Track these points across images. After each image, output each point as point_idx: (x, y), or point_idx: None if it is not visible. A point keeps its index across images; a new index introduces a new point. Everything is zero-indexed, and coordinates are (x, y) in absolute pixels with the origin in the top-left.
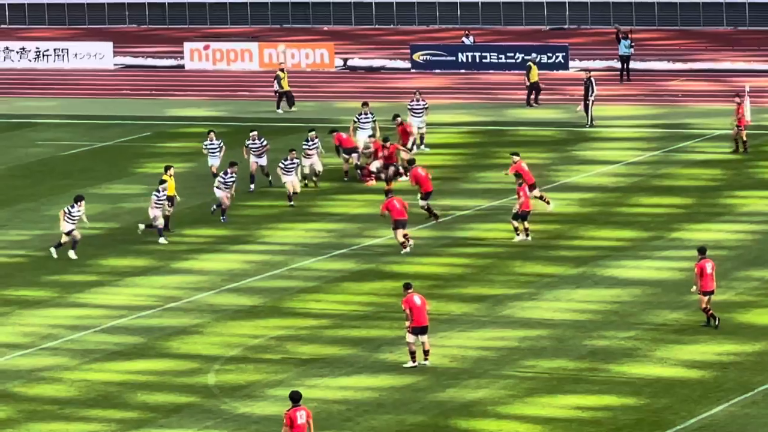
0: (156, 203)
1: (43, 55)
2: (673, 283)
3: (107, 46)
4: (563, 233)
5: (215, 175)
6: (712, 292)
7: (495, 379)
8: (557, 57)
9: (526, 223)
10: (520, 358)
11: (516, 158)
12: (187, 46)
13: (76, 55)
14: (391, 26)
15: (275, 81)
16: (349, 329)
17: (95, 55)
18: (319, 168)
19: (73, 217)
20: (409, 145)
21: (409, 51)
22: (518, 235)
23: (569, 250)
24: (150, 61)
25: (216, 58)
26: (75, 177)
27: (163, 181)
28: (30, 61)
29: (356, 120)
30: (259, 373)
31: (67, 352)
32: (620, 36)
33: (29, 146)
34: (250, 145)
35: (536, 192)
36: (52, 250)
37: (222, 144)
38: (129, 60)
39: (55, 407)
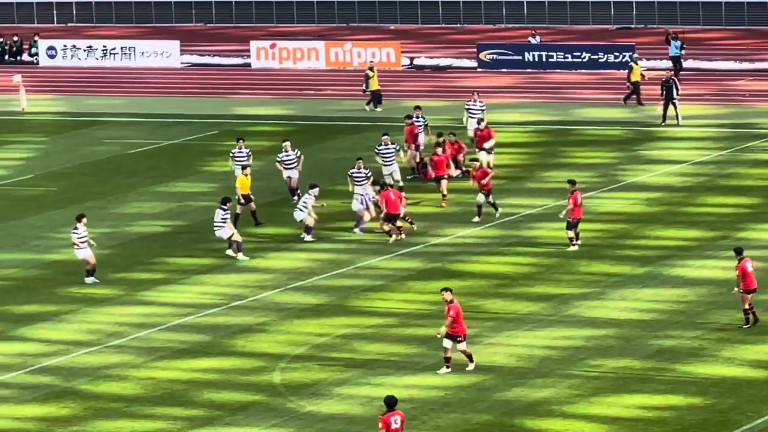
0: (219, 223)
1: (110, 54)
2: None
3: (174, 45)
4: (629, 233)
5: (294, 191)
6: (755, 290)
7: (561, 378)
8: (624, 56)
9: (572, 231)
10: (586, 357)
11: (573, 187)
12: (254, 44)
13: (143, 53)
14: (458, 25)
15: (365, 80)
16: (415, 328)
17: (162, 54)
18: (397, 177)
19: (81, 238)
20: (414, 146)
21: (475, 50)
22: (573, 245)
23: (635, 250)
24: (216, 60)
25: (282, 57)
26: (141, 175)
27: (226, 200)
28: (97, 59)
29: (410, 123)
30: (324, 372)
31: (133, 349)
32: (670, 37)
33: (96, 144)
34: (283, 158)
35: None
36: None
37: (299, 154)
38: (196, 58)
39: (121, 405)
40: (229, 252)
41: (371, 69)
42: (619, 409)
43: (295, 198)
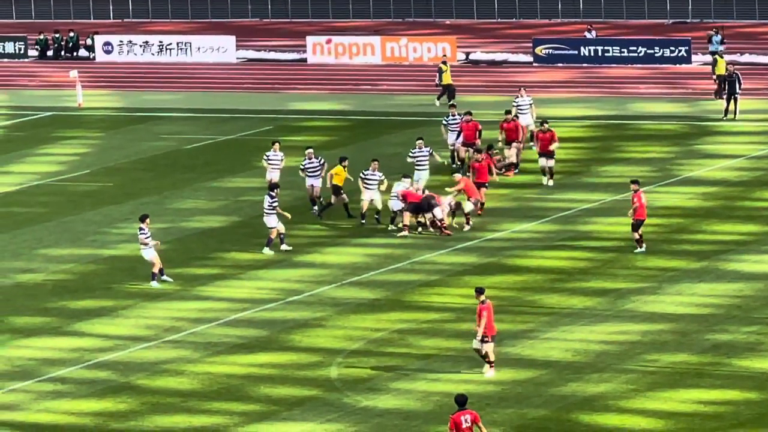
0: (267, 210)
1: (167, 49)
2: None
3: (230, 40)
4: (686, 227)
5: (316, 199)
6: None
7: (617, 373)
8: (680, 51)
9: (638, 233)
10: (643, 352)
11: (636, 186)
12: (310, 39)
13: (199, 48)
14: (514, 20)
15: (437, 74)
16: (471, 323)
17: (218, 49)
18: (423, 184)
19: (148, 237)
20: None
21: (531, 45)
22: (640, 247)
23: (692, 244)
24: (272, 55)
25: (338, 52)
26: (198, 170)
27: (274, 186)
28: (153, 54)
29: (445, 122)
30: (381, 367)
31: (189, 344)
32: (712, 33)
33: (153, 140)
34: (307, 165)
35: None
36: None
37: (323, 161)
38: (251, 54)
39: (177, 399)
40: (284, 247)
41: (444, 63)
42: (676, 404)
43: (315, 208)
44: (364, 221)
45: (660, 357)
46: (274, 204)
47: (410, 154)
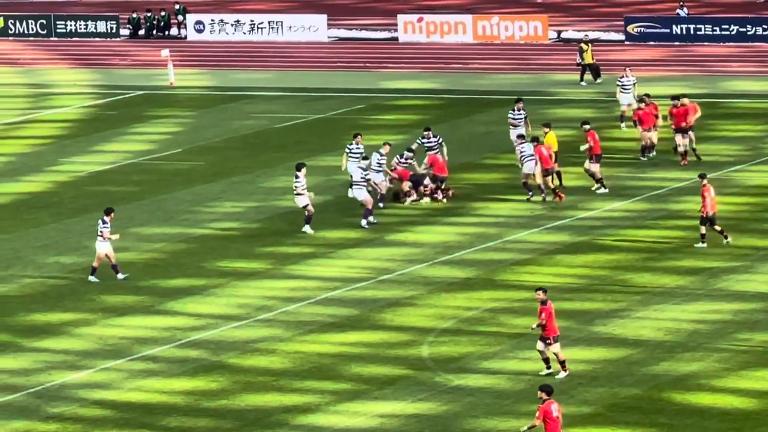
0: (376, 166)
1: (258, 28)
2: None
3: (321, 19)
4: None
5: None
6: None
7: (709, 352)
8: None
9: (705, 227)
10: (735, 331)
11: (704, 181)
12: (401, 18)
13: (290, 27)
14: None
15: (578, 53)
16: (562, 302)
17: (309, 28)
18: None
19: (107, 229)
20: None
21: (623, 23)
22: (703, 243)
23: None
24: (364, 34)
25: (430, 31)
26: (289, 149)
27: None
28: (244, 33)
29: (511, 116)
30: (473, 346)
31: (281, 323)
32: None
33: (244, 119)
34: (425, 143)
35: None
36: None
37: (441, 140)
38: (343, 32)
39: (269, 378)
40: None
41: (585, 42)
42: None
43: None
44: (382, 204)
45: (752, 336)
46: (382, 162)
47: (419, 141)
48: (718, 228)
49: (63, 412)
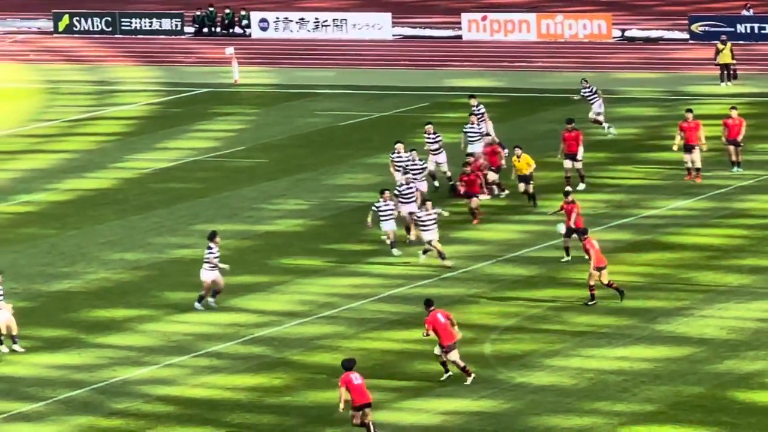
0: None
1: (322, 26)
2: None
3: (386, 17)
4: None
5: (434, 176)
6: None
7: None
8: None
9: None
10: None
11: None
12: (465, 16)
13: (354, 25)
14: None
15: (715, 53)
16: (626, 300)
17: (374, 26)
18: (444, 168)
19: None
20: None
21: (687, 22)
22: None
23: None
24: (428, 32)
25: (493, 29)
26: (353, 147)
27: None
28: (309, 31)
29: (583, 93)
30: (535, 343)
31: (344, 320)
32: None
33: (308, 116)
34: (394, 158)
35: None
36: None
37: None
38: (407, 30)
39: (332, 375)
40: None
41: (722, 42)
42: None
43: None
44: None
45: None
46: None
47: (426, 139)
48: None
49: (126, 408)
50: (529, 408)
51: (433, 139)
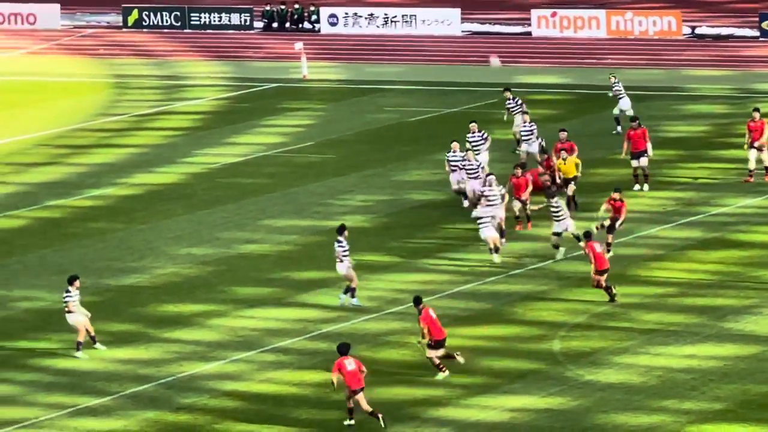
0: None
1: (392, 22)
2: None
3: (455, 13)
4: None
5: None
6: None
7: None
8: None
9: None
10: None
11: None
12: (535, 13)
13: (423, 21)
14: None
15: None
16: (694, 298)
17: (443, 22)
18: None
19: (344, 250)
20: None
21: (757, 19)
22: None
23: None
24: (497, 28)
25: (563, 25)
26: (422, 143)
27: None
28: (378, 27)
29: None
30: (604, 341)
31: (412, 317)
32: None
33: (377, 112)
34: (470, 139)
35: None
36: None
37: (486, 135)
38: (476, 26)
39: (400, 371)
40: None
41: None
42: None
43: (466, 202)
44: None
45: None
46: (456, 158)
47: (467, 139)
48: None
49: (193, 403)
50: (597, 405)
51: (480, 135)
